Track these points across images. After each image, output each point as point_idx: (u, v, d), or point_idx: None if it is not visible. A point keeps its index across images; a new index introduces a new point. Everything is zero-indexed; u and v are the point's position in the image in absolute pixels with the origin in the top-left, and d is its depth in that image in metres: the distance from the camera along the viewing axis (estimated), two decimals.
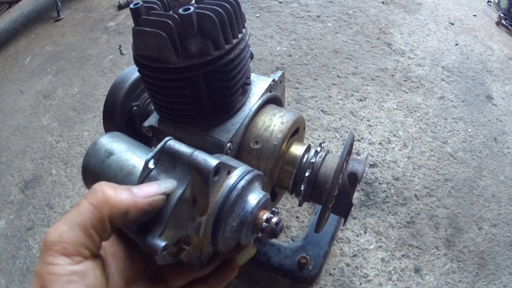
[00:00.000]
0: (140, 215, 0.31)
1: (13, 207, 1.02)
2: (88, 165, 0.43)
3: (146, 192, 0.31)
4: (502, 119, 1.07)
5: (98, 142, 0.44)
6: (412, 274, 0.77)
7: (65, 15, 1.85)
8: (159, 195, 0.32)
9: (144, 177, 0.35)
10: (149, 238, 0.31)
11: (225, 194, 0.36)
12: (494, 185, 0.91)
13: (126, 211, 0.30)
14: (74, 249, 0.28)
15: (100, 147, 0.43)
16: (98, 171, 0.41)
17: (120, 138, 0.45)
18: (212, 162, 0.33)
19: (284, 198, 0.90)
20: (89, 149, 0.44)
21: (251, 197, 0.38)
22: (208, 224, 0.36)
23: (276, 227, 0.39)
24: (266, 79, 0.65)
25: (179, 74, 0.51)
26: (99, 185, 0.31)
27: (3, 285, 0.86)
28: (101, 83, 1.36)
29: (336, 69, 1.24)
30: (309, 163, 0.58)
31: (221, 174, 0.35)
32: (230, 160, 0.40)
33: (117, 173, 0.39)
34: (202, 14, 0.47)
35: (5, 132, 1.27)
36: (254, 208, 0.38)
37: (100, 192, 0.30)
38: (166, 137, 0.36)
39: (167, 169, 0.35)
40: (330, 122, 1.07)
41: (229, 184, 0.36)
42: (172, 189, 0.33)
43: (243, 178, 0.37)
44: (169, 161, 0.35)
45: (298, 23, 1.44)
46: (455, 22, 1.44)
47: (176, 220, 0.33)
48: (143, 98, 0.74)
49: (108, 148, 0.42)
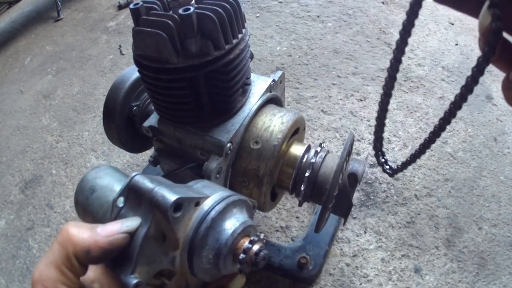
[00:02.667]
0: (102, 253, 0.31)
1: (13, 207, 1.02)
2: (77, 201, 0.44)
3: (108, 231, 0.32)
4: (502, 119, 1.07)
5: (84, 178, 0.44)
6: (412, 274, 0.77)
7: (65, 15, 1.85)
8: (120, 234, 0.32)
9: (115, 215, 0.35)
10: (121, 276, 0.32)
11: (194, 227, 0.34)
12: (494, 185, 0.91)
13: (88, 249, 0.31)
14: (53, 286, 0.30)
15: (85, 184, 0.43)
16: (85, 207, 0.42)
17: (105, 173, 0.45)
18: (171, 198, 0.32)
19: (284, 198, 0.90)
20: (77, 185, 0.45)
21: (227, 226, 0.36)
22: (183, 257, 0.35)
23: (256, 258, 0.35)
24: (266, 79, 0.65)
25: (179, 74, 0.51)
26: (66, 225, 0.33)
27: (3, 285, 0.86)
28: (101, 83, 1.36)
29: (336, 69, 1.24)
30: (309, 163, 0.58)
31: (187, 208, 0.34)
32: (205, 187, 0.39)
33: (98, 210, 0.40)
34: (202, 14, 0.47)
35: (5, 132, 1.27)
36: (228, 239, 0.36)
37: (65, 231, 0.32)
38: (133, 173, 0.36)
39: (134, 206, 0.34)
40: (330, 122, 1.07)
41: (198, 217, 0.35)
42: (134, 227, 0.33)
43: (214, 209, 0.35)
44: (135, 198, 0.34)
45: (298, 23, 1.44)
46: (455, 22, 1.44)
47: (146, 257, 0.33)
48: (143, 98, 0.74)
49: (92, 185, 0.43)
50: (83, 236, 0.31)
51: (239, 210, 0.39)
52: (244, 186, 0.60)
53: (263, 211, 0.67)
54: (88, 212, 0.41)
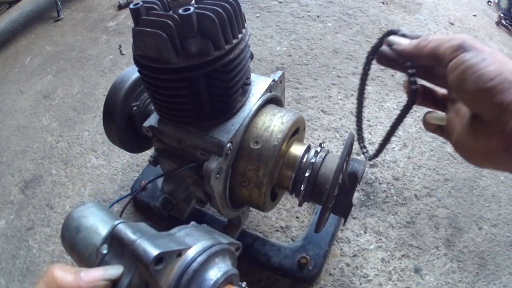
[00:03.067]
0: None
1: (13, 207, 1.02)
2: (64, 237, 0.45)
3: (91, 277, 0.33)
4: None
5: (70, 216, 0.45)
6: (412, 274, 0.77)
7: (65, 15, 1.85)
8: (103, 281, 0.33)
9: (99, 261, 0.36)
10: None
11: (176, 278, 0.35)
12: (494, 185, 0.91)
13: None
14: None
15: (71, 223, 0.44)
16: (71, 245, 0.43)
17: (89, 212, 0.45)
18: (152, 252, 0.33)
19: (284, 198, 0.90)
20: (64, 221, 0.45)
21: (209, 277, 0.37)
22: None
23: None
24: (266, 79, 0.65)
25: (179, 74, 0.51)
26: (52, 266, 0.34)
27: (3, 285, 0.86)
28: (101, 83, 1.36)
29: (336, 69, 1.24)
30: (309, 163, 0.58)
31: (169, 260, 0.35)
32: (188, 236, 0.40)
33: (84, 251, 0.40)
34: (202, 15, 0.47)
35: (5, 132, 1.27)
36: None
37: (50, 272, 0.33)
38: (116, 221, 0.37)
39: (117, 254, 0.36)
40: (330, 122, 1.07)
41: (180, 268, 0.36)
42: (117, 275, 0.34)
43: (195, 261, 0.36)
44: (119, 246, 0.36)
45: (298, 23, 1.44)
46: (455, 22, 1.44)
47: None
48: (143, 98, 0.74)
49: (77, 225, 0.43)
50: (67, 279, 0.33)
51: (221, 259, 0.40)
52: (244, 186, 0.60)
53: (263, 211, 0.67)
54: (74, 250, 0.42)
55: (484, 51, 0.33)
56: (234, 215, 0.71)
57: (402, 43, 0.42)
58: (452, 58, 0.34)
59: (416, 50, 0.39)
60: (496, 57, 0.33)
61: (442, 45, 0.36)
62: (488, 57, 0.32)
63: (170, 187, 0.64)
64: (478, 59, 0.32)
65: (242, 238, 0.80)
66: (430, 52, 0.38)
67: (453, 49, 0.34)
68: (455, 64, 0.34)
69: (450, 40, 0.35)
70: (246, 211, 0.78)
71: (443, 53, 0.35)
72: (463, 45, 0.34)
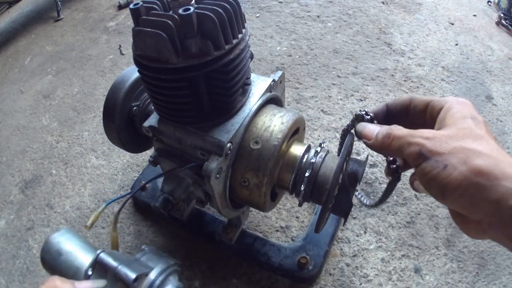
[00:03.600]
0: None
1: (13, 207, 1.02)
2: (44, 259, 0.56)
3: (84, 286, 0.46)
4: (502, 119, 1.07)
5: (49, 241, 0.56)
6: (412, 274, 0.77)
7: (65, 15, 1.85)
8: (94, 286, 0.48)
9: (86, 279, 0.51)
10: None
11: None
12: None
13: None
14: None
15: (51, 247, 0.56)
16: (53, 266, 0.55)
17: (65, 238, 0.57)
18: (132, 275, 0.49)
19: (284, 198, 0.90)
20: (43, 245, 0.57)
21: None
22: None
23: None
24: (266, 79, 0.65)
25: (179, 74, 0.51)
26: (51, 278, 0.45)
27: (3, 285, 0.86)
28: (101, 83, 1.36)
29: (336, 69, 1.24)
30: (309, 163, 0.58)
31: (141, 279, 0.51)
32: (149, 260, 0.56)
33: (67, 271, 0.54)
34: (202, 15, 0.47)
35: (5, 132, 1.27)
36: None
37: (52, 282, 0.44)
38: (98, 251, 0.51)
39: (101, 275, 0.50)
40: (330, 122, 1.07)
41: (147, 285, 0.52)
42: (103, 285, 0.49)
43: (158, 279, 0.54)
44: (102, 269, 0.50)
45: (298, 23, 1.44)
46: (455, 22, 1.44)
47: None
48: (143, 98, 0.74)
49: (57, 249, 0.56)
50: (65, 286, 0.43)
51: (173, 276, 0.57)
52: (244, 186, 0.60)
53: (263, 211, 0.67)
54: (56, 271, 0.54)
55: (443, 154, 0.32)
56: (234, 215, 0.71)
57: (370, 136, 0.42)
58: (416, 165, 0.34)
59: (382, 148, 0.39)
60: (459, 155, 0.31)
61: (403, 148, 0.35)
62: (450, 161, 0.31)
63: (170, 187, 0.64)
64: (439, 168, 0.32)
65: (242, 238, 0.80)
66: (395, 153, 0.37)
67: (414, 157, 0.34)
68: (419, 173, 0.34)
69: (409, 146, 0.34)
70: (246, 211, 0.78)
71: (407, 157, 0.35)
72: (422, 153, 0.33)
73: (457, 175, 0.31)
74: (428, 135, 0.34)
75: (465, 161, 0.31)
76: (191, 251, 0.84)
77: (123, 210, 0.93)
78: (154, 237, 0.88)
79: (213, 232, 0.82)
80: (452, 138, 0.33)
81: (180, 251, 0.84)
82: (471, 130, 0.33)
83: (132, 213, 0.93)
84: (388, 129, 0.38)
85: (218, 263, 0.81)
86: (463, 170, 0.30)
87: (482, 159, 0.31)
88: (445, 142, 0.33)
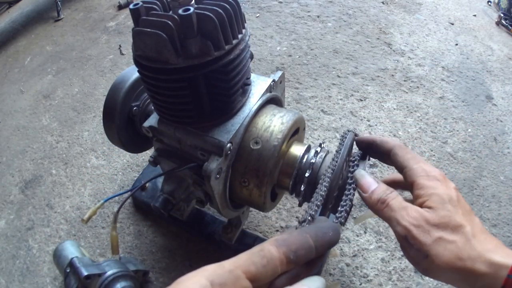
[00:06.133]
0: None
1: (13, 207, 1.02)
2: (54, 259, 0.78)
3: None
4: (502, 119, 1.07)
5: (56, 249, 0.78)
6: (412, 274, 0.77)
7: (65, 15, 1.85)
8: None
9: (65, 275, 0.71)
10: None
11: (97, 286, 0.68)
12: (494, 185, 0.91)
13: None
14: None
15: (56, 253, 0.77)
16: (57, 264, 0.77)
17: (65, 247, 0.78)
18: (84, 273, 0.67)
19: (284, 198, 0.90)
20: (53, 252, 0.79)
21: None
22: None
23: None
24: (266, 79, 0.65)
25: (179, 74, 0.51)
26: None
27: (3, 285, 0.86)
28: (101, 83, 1.36)
29: (336, 69, 1.24)
30: (309, 163, 0.58)
31: (93, 278, 0.68)
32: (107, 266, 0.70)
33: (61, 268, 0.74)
34: (202, 15, 0.47)
35: (5, 132, 1.27)
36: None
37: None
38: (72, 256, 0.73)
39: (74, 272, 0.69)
40: (330, 122, 1.07)
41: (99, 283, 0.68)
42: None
43: (107, 279, 0.68)
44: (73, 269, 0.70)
45: (298, 23, 1.44)
46: (455, 22, 1.44)
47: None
48: (143, 98, 0.74)
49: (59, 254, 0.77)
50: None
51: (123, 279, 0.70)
52: (244, 186, 0.60)
53: (263, 211, 0.67)
54: (58, 267, 0.77)
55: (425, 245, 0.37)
56: (234, 215, 0.71)
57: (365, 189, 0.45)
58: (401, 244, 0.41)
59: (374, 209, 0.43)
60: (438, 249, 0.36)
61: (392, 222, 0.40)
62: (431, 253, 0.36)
63: (170, 187, 0.64)
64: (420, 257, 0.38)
65: (242, 238, 0.80)
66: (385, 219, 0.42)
67: (400, 238, 0.40)
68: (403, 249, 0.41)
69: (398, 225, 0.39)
70: (246, 211, 0.78)
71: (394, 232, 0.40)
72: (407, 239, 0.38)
73: (436, 266, 0.36)
74: (415, 220, 0.38)
75: (443, 253, 0.36)
76: (191, 251, 0.84)
77: (123, 210, 0.93)
78: (154, 237, 0.88)
79: (213, 232, 0.82)
80: (434, 228, 0.37)
81: (180, 251, 0.84)
82: (450, 219, 0.37)
83: (132, 213, 0.93)
84: (384, 195, 0.42)
85: None
86: (441, 264, 0.36)
87: (458, 250, 0.35)
88: (428, 233, 0.37)
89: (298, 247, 0.29)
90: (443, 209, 0.38)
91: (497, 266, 0.34)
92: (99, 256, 0.87)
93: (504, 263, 0.33)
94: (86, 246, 0.89)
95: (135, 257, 0.85)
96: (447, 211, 0.38)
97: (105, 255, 0.87)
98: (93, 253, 0.87)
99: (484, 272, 0.34)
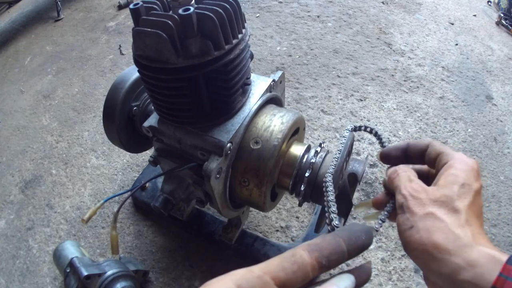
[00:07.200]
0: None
1: (13, 207, 1.02)
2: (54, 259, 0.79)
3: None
4: (502, 119, 1.07)
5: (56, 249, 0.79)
6: (412, 274, 0.77)
7: (65, 15, 1.85)
8: None
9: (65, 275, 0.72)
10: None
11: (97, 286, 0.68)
12: (494, 185, 0.91)
13: None
14: None
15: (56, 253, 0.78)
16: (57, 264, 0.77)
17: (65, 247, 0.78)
18: (84, 273, 0.68)
19: (284, 198, 0.90)
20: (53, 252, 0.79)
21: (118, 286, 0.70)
22: None
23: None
24: (266, 79, 0.65)
25: (179, 74, 0.51)
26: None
27: (3, 285, 0.86)
28: (101, 83, 1.36)
29: (336, 69, 1.24)
30: (309, 163, 0.58)
31: (93, 278, 0.68)
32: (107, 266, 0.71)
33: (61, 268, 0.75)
34: (202, 15, 0.47)
35: (5, 132, 1.27)
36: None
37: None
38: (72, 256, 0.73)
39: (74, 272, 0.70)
40: (330, 122, 1.07)
41: (99, 282, 0.69)
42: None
43: (107, 279, 0.68)
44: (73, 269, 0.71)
45: (298, 23, 1.44)
46: (455, 22, 1.44)
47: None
48: (143, 98, 0.74)
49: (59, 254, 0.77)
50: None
51: (123, 279, 0.70)
52: (244, 186, 0.60)
53: (263, 211, 0.67)
54: (58, 267, 0.77)
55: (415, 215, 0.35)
56: (234, 215, 0.71)
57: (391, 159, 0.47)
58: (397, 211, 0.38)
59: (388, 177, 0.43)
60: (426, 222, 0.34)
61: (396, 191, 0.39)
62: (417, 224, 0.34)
63: (170, 187, 0.64)
64: (406, 226, 0.35)
65: (242, 238, 0.80)
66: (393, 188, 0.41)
67: (398, 205, 0.38)
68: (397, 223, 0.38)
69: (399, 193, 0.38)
70: (246, 211, 0.78)
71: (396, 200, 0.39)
72: (402, 206, 0.37)
73: (416, 239, 0.33)
74: (415, 192, 0.37)
75: (429, 229, 0.33)
76: (191, 251, 0.84)
77: (123, 210, 0.93)
78: (154, 237, 0.88)
79: (213, 232, 0.82)
80: (431, 202, 0.35)
81: (180, 251, 0.84)
82: (451, 201, 0.35)
83: (132, 213, 0.93)
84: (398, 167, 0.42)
85: (218, 263, 0.81)
86: (423, 237, 0.33)
87: (443, 233, 0.33)
88: (423, 205, 0.35)
89: (331, 252, 0.28)
90: (448, 189, 0.35)
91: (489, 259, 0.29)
92: (99, 256, 0.87)
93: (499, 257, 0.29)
94: (86, 246, 0.89)
95: (135, 257, 0.85)
96: (451, 192, 0.35)
97: (105, 255, 0.87)
98: (93, 253, 0.87)
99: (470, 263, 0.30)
